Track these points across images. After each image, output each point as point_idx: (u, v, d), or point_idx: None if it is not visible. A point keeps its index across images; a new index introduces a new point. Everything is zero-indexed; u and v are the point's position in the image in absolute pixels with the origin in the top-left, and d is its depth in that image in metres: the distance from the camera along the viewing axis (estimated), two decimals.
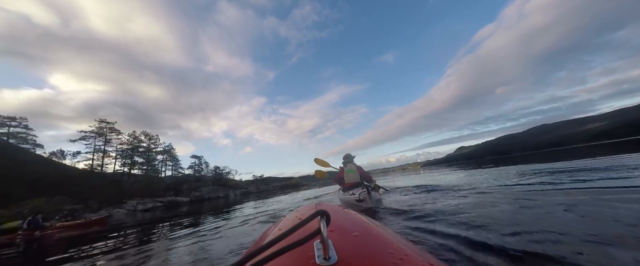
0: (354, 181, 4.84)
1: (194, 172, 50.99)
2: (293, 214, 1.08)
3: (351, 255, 0.50)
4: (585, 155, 10.12)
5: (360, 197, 3.51)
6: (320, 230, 0.45)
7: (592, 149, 17.51)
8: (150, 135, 45.06)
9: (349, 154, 5.53)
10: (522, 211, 2.32)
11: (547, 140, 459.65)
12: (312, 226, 0.47)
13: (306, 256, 0.49)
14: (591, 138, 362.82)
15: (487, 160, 31.58)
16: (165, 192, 36.93)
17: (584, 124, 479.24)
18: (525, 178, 4.82)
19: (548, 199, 2.65)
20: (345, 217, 0.84)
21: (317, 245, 0.51)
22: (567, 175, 4.42)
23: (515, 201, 2.73)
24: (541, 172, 5.44)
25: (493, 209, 2.52)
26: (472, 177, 7.08)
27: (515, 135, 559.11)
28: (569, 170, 5.05)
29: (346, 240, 0.60)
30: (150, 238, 4.23)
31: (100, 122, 37.51)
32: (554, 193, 3.01)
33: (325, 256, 0.47)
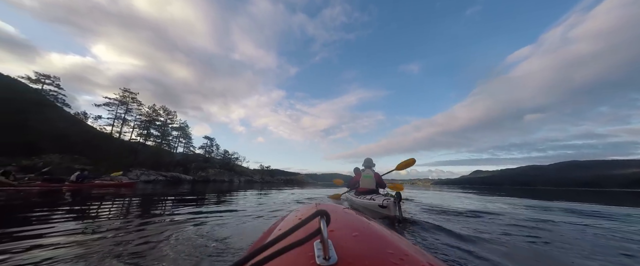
0: (369, 187, 4.88)
1: (204, 152, 51.93)
2: (293, 214, 1.08)
3: (351, 255, 0.50)
4: (622, 201, 9.17)
5: (383, 204, 3.34)
6: (320, 230, 0.45)
7: (629, 196, 15.95)
8: (168, 110, 46.31)
9: (370, 159, 5.46)
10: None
11: (577, 178, 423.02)
12: (312, 226, 0.47)
13: (306, 256, 0.49)
14: (629, 184, 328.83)
15: (507, 190, 29.19)
16: (174, 167, 37.63)
17: (622, 167, 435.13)
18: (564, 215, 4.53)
19: (575, 240, 2.56)
20: (345, 217, 0.84)
21: (317, 245, 0.51)
22: (601, 219, 4.13)
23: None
24: (572, 211, 5.21)
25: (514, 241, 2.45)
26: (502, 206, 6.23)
27: (541, 166, 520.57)
28: (601, 215, 4.67)
29: (346, 240, 0.60)
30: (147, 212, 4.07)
31: (124, 91, 38.94)
32: (583, 234, 2.90)
33: (326, 256, 0.46)
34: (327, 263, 0.45)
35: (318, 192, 11.42)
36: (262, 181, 41.62)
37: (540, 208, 5.66)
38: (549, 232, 2.91)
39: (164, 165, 32.84)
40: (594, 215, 4.71)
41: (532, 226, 3.25)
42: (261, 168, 51.23)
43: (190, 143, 48.95)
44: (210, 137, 53.76)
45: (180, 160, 40.31)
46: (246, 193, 8.64)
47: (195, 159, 41.43)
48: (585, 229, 3.17)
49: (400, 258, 0.51)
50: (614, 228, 3.26)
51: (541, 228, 3.14)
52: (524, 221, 3.63)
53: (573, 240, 2.53)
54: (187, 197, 6.69)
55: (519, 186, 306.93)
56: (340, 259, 0.47)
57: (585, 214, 4.78)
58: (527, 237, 2.58)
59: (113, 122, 38.58)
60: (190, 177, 28.13)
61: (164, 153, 37.37)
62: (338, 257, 0.47)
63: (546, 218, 4.03)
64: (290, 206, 4.83)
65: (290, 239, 0.44)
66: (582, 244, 2.39)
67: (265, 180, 43.82)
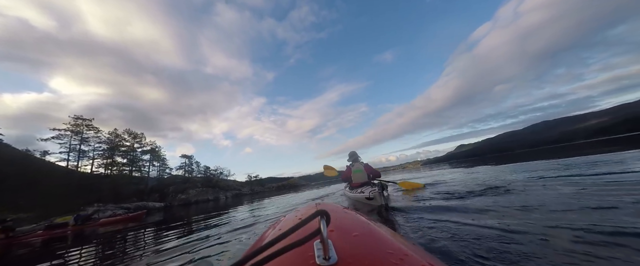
0: (362, 180, 4.87)
1: (184, 172, 47.55)
2: (293, 214, 1.07)
3: (351, 255, 0.50)
4: (587, 152, 9.95)
5: (370, 195, 3.46)
6: (320, 230, 0.45)
7: (593, 146, 17.17)
8: (134, 133, 41.60)
9: (355, 152, 5.44)
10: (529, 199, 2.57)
11: (548, 137, 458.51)
12: (312, 226, 0.47)
13: (306, 256, 0.49)
14: (591, 135, 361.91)
15: (489, 158, 31.36)
16: (148, 195, 33.53)
17: (584, 121, 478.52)
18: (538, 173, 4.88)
19: (554, 191, 2.88)
20: (345, 217, 0.84)
21: (317, 245, 0.51)
22: (573, 169, 4.54)
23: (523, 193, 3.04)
24: (546, 169, 5.47)
25: (495, 200, 2.80)
26: (478, 175, 6.58)
27: (516, 132, 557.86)
28: (573, 165, 5.17)
29: (346, 240, 0.60)
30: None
31: (76, 119, 33.98)
32: (562, 185, 3.22)
33: (325, 256, 0.46)
34: (327, 263, 0.45)
35: (314, 194, 10.29)
36: (251, 192, 38.53)
37: (510, 171, 6.19)
38: (522, 192, 3.11)
39: (129, 195, 28.75)
40: (561, 167, 5.23)
41: (502, 189, 3.51)
42: (249, 178, 47.91)
43: (166, 165, 44.55)
44: (188, 155, 49.40)
45: (155, 186, 36.10)
46: (228, 214, 6.81)
47: (172, 182, 37.37)
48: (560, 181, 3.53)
49: (400, 258, 0.51)
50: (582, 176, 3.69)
51: (515, 188, 3.39)
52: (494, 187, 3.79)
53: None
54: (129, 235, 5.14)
55: (498, 153, 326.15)
56: (340, 259, 0.47)
57: (557, 167, 5.30)
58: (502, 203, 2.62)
59: (68, 156, 33.61)
60: (160, 204, 24.39)
61: (124, 181, 32.92)
62: (338, 257, 0.47)
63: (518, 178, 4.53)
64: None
65: (290, 239, 0.44)
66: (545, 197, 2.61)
67: (255, 191, 40.73)
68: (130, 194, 30.15)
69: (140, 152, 40.84)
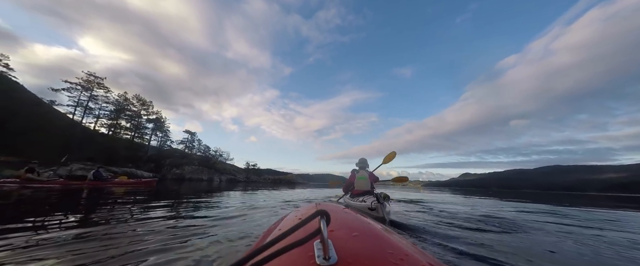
0: (364, 188, 4.74)
1: (185, 147, 47.24)
2: (293, 214, 1.08)
3: (351, 255, 0.50)
4: (601, 204, 9.58)
5: (372, 206, 3.29)
6: (320, 230, 0.45)
7: (607, 200, 16.61)
8: (143, 100, 41.52)
9: (365, 160, 5.28)
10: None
11: (560, 182, 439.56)
12: (312, 226, 0.47)
13: (306, 256, 0.49)
14: (607, 188, 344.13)
15: (494, 191, 31.46)
16: (144, 163, 33.08)
17: (601, 172, 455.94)
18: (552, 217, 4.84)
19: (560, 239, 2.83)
20: (345, 217, 0.84)
21: (317, 245, 0.51)
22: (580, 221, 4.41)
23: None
24: (553, 213, 5.47)
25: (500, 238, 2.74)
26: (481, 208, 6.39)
27: (526, 170, 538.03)
28: (586, 219, 4.78)
29: (346, 240, 0.59)
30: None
31: (88, 75, 33.99)
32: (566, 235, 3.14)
33: (326, 256, 0.46)
34: (327, 263, 0.45)
35: (308, 194, 9.72)
36: (246, 180, 37.57)
37: (524, 209, 6.10)
38: (535, 233, 3.03)
39: (123, 158, 28.15)
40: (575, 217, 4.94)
41: (512, 225, 3.53)
42: (247, 166, 47.08)
43: (168, 138, 44.30)
44: (191, 131, 49.10)
45: (153, 156, 35.67)
46: (218, 200, 6.07)
47: (170, 155, 36.91)
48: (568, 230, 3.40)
49: (400, 258, 0.51)
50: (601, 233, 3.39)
51: (527, 228, 3.33)
52: (506, 220, 3.91)
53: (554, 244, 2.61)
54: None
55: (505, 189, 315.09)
56: (340, 259, 0.47)
57: (563, 215, 5.18)
58: (512, 235, 2.73)
59: (74, 110, 33.64)
60: (149, 174, 23.47)
61: (120, 144, 32.40)
62: (338, 257, 0.47)
63: (530, 218, 4.48)
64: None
65: (290, 239, 0.43)
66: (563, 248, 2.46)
67: (250, 179, 39.78)
68: (125, 158, 29.61)
69: (145, 120, 40.68)
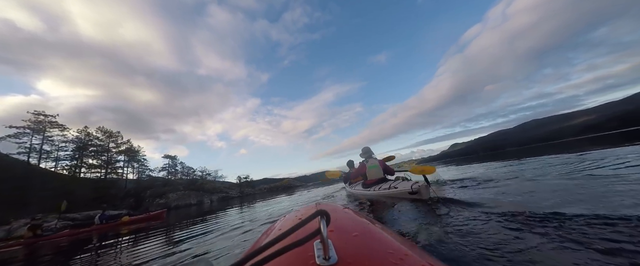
0: (378, 177, 4.64)
1: (167, 174, 43.72)
2: (293, 214, 1.07)
3: (351, 255, 0.50)
4: (576, 149, 10.05)
5: (413, 189, 3.13)
6: (320, 230, 0.45)
7: (581, 143, 17.33)
8: (110, 132, 37.66)
9: (369, 148, 5.20)
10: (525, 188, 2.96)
11: (538, 135, 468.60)
12: (312, 226, 0.47)
13: (306, 256, 0.49)
14: (579, 132, 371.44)
15: (482, 156, 33.89)
16: (122, 200, 29.82)
17: (572, 119, 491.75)
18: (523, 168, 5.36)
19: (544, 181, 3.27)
20: (345, 217, 0.83)
21: (317, 245, 0.51)
22: (560, 167, 4.55)
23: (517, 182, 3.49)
24: (525, 165, 5.86)
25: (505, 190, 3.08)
26: (484, 170, 6.63)
27: (507, 130, 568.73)
28: (563, 163, 5.16)
29: (346, 240, 0.59)
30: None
31: (37, 115, 29.93)
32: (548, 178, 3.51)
33: (325, 256, 0.46)
34: (327, 263, 0.45)
35: (307, 197, 8.91)
36: (240, 195, 35.18)
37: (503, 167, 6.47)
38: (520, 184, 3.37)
39: (86, 200, 24.90)
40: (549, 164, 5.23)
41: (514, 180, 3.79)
42: (239, 180, 44.44)
43: (146, 167, 40.69)
44: (170, 155, 45.55)
45: (131, 190, 32.34)
46: (205, 224, 5.48)
47: (150, 185, 33.68)
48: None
49: (400, 258, 0.50)
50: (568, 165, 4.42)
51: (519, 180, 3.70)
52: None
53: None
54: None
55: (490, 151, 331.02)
56: (340, 259, 0.47)
57: (539, 165, 5.43)
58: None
59: (28, 158, 29.53)
60: (118, 212, 20.12)
61: (86, 184, 28.94)
62: (338, 257, 0.47)
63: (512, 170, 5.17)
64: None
65: (290, 239, 0.44)
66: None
67: (244, 193, 37.37)
68: (94, 199, 26.27)
69: (115, 153, 36.94)
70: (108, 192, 30.09)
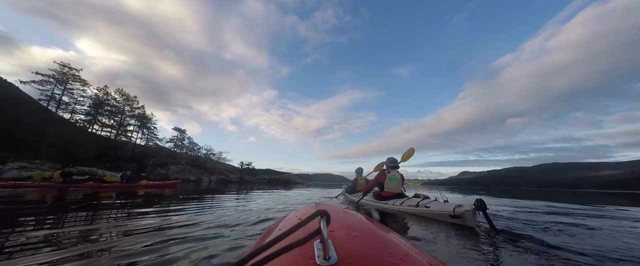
0: (396, 191, 4.39)
1: (174, 146, 44.21)
2: (293, 214, 1.07)
3: (351, 255, 0.50)
4: (600, 201, 9.44)
5: (456, 213, 2.74)
6: (320, 230, 0.45)
7: (606, 197, 16.64)
8: (127, 95, 38.45)
9: (395, 159, 4.88)
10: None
11: (558, 179, 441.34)
12: (312, 226, 0.47)
13: (306, 256, 0.48)
14: (604, 186, 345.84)
15: (492, 190, 30.58)
16: (125, 162, 30.07)
17: (597, 169, 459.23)
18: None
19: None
20: (345, 217, 0.83)
21: (317, 245, 0.51)
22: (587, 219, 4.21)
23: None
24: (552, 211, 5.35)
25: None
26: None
27: (524, 168, 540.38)
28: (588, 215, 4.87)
29: (346, 240, 0.59)
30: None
31: (63, 66, 30.84)
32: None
33: (326, 256, 0.46)
34: (327, 263, 0.45)
35: (304, 195, 8.63)
36: (239, 181, 34.68)
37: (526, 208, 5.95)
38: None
39: (89, 158, 24.94)
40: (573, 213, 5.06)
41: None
42: (241, 165, 44.17)
43: (154, 135, 41.22)
44: (180, 128, 46.07)
45: (135, 154, 32.61)
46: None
47: (156, 153, 33.90)
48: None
49: (400, 258, 0.50)
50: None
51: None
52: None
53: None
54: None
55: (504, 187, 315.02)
56: (340, 259, 0.46)
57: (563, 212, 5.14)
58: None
59: (47, 105, 30.48)
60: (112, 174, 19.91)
61: (91, 140, 29.05)
62: (338, 257, 0.47)
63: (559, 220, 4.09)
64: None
65: (290, 239, 0.43)
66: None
67: (244, 179, 36.88)
68: (98, 157, 26.43)
69: (128, 116, 37.60)
70: (115, 152, 30.44)
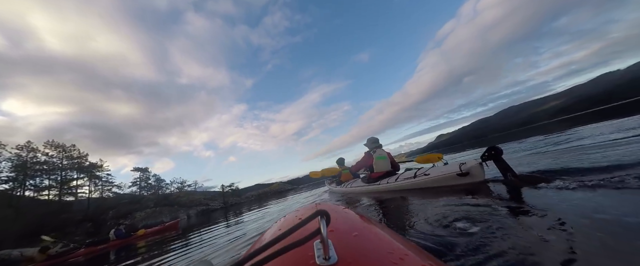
0: (385, 170, 4.15)
1: (138, 190, 38.46)
2: (293, 214, 1.05)
3: (351, 255, 0.49)
4: (553, 130, 10.45)
5: (463, 171, 2.50)
6: (320, 230, 0.45)
7: (556, 125, 18.08)
8: (62, 146, 32.11)
9: (376, 138, 4.61)
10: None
11: (516, 120, 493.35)
12: (312, 226, 0.47)
13: (306, 256, 0.48)
14: (553, 115, 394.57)
15: (466, 145, 31.83)
16: (77, 226, 24.86)
17: (544, 103, 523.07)
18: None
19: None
20: (345, 217, 0.83)
21: (317, 245, 0.50)
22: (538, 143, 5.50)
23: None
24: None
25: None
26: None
27: (487, 119, 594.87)
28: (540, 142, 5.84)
29: (346, 240, 0.59)
30: None
31: None
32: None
33: (325, 256, 0.46)
34: (327, 263, 0.44)
35: (296, 200, 8.23)
36: (224, 206, 31.05)
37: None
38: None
39: (16, 233, 19.96)
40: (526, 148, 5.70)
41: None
42: (222, 189, 40.02)
43: (111, 183, 35.30)
44: (141, 168, 40.26)
45: (89, 212, 27.29)
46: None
47: (115, 204, 28.78)
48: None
49: (400, 258, 0.50)
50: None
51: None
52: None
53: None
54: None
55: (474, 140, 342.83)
56: (340, 259, 0.46)
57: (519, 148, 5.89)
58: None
59: None
60: (18, 253, 15.41)
61: (15, 210, 23.59)
62: (338, 257, 0.47)
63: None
64: None
65: (290, 239, 0.44)
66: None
67: (228, 203, 33.23)
68: (26, 231, 21.27)
69: (69, 170, 31.47)
70: (57, 217, 24.96)
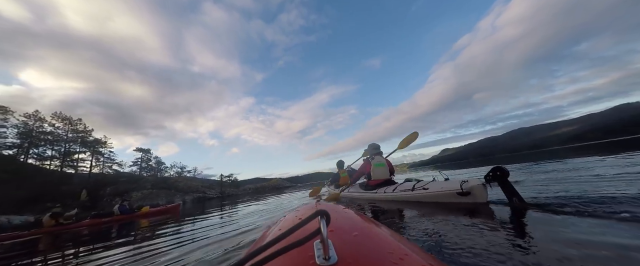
0: (384, 177, 4.05)
1: (139, 170, 38.65)
2: (293, 214, 1.04)
3: (351, 255, 0.49)
4: (564, 156, 9.88)
5: (464, 189, 2.33)
6: (320, 230, 0.45)
7: (567, 152, 17.88)
8: (69, 118, 32.49)
9: (378, 145, 4.55)
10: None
11: (526, 142, 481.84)
12: (312, 226, 0.47)
13: (306, 256, 0.48)
14: (564, 142, 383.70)
15: (471, 161, 31.74)
16: (75, 198, 24.93)
17: (556, 128, 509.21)
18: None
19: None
20: (345, 217, 0.83)
21: (317, 245, 0.50)
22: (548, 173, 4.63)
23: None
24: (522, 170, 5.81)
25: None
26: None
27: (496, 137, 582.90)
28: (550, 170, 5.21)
29: (346, 240, 0.59)
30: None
31: None
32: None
33: (325, 256, 0.45)
34: (327, 263, 0.44)
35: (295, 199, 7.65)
36: (221, 196, 30.75)
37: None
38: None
39: (19, 198, 20.02)
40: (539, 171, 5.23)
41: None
42: (221, 179, 39.83)
43: (113, 160, 35.55)
44: (144, 148, 40.52)
45: (89, 187, 27.32)
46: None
47: (113, 181, 28.80)
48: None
49: (400, 258, 0.50)
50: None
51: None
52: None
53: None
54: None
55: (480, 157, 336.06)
56: (340, 259, 0.46)
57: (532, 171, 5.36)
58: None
59: None
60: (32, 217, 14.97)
61: (19, 176, 23.65)
62: (338, 257, 0.46)
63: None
64: None
65: (290, 239, 0.44)
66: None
67: (225, 193, 32.93)
68: (33, 196, 21.35)
69: (73, 143, 31.77)
70: (57, 188, 25.09)
